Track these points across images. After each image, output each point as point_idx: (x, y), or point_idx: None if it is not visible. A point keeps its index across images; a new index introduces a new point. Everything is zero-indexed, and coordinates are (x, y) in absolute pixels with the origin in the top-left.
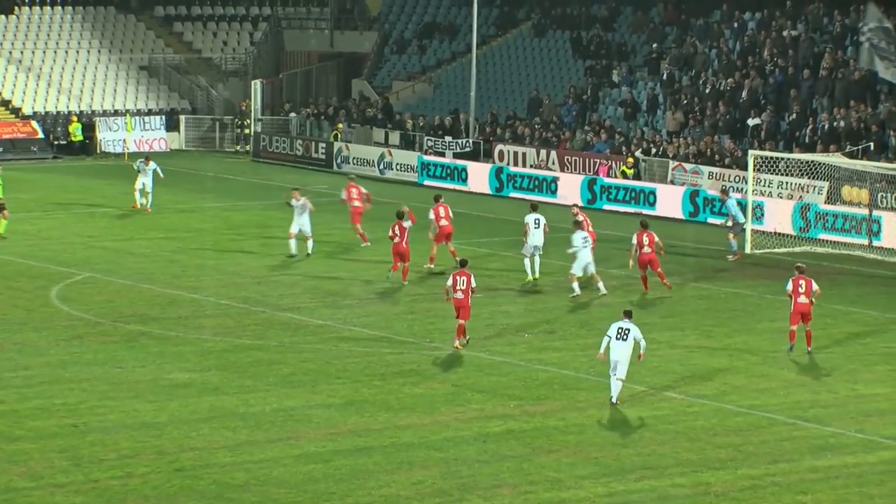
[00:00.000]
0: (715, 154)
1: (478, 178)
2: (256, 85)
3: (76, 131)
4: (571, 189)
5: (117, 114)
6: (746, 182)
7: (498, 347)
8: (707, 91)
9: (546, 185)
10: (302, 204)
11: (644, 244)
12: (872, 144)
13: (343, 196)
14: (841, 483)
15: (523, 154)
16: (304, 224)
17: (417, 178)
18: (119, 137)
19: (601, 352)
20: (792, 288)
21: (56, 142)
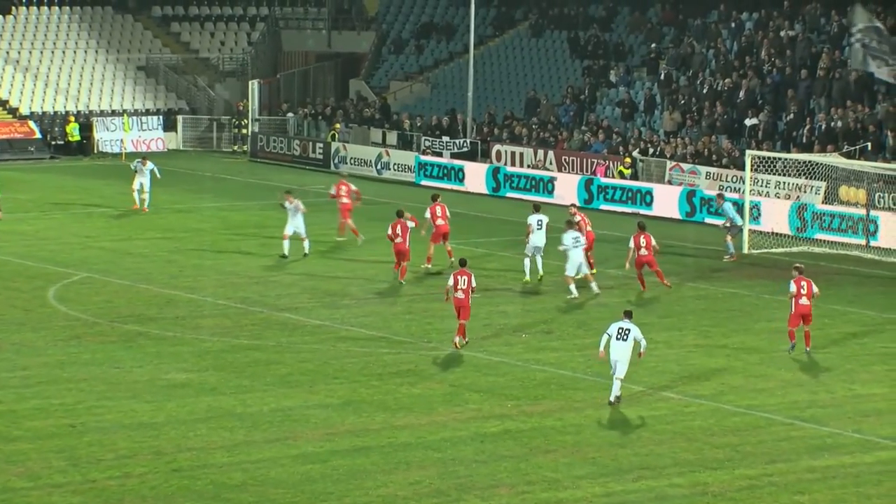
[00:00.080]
0: (712, 154)
1: (475, 178)
2: (254, 85)
3: (73, 131)
4: (568, 189)
5: (115, 114)
6: (744, 182)
7: (495, 347)
8: (704, 91)
9: (543, 185)
10: (294, 206)
11: (641, 245)
12: (870, 144)
13: (332, 192)
14: (838, 483)
15: (521, 154)
16: (299, 225)
17: (415, 179)
18: (116, 137)
19: (601, 349)
20: (796, 290)
21: (53, 142)
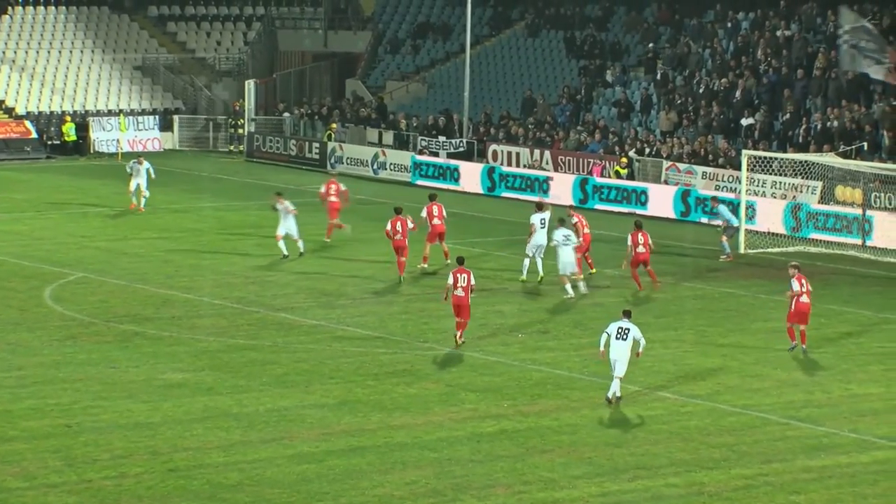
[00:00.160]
0: (709, 154)
1: (470, 178)
2: (250, 85)
3: (70, 131)
4: (563, 189)
5: (111, 114)
6: (740, 182)
7: (492, 347)
8: (701, 91)
9: (538, 185)
10: (284, 208)
11: (639, 243)
12: (866, 144)
13: (322, 190)
14: (834, 483)
15: (517, 154)
16: (291, 227)
17: (410, 178)
18: (113, 137)
19: (601, 348)
20: (799, 287)
21: (50, 142)
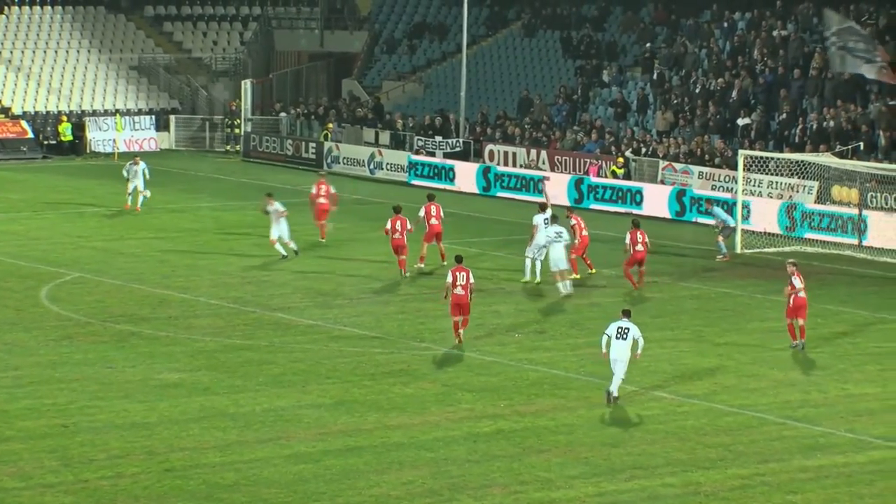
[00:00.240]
0: (705, 154)
1: (465, 178)
2: (247, 85)
3: (66, 131)
4: (559, 188)
5: (107, 113)
6: (736, 182)
7: (488, 347)
8: (697, 91)
9: (533, 185)
10: (275, 209)
11: (637, 242)
12: (862, 144)
13: (313, 191)
14: (831, 483)
15: (513, 154)
16: (283, 230)
17: (407, 178)
18: (109, 137)
19: (603, 350)
20: (800, 284)
21: (46, 141)
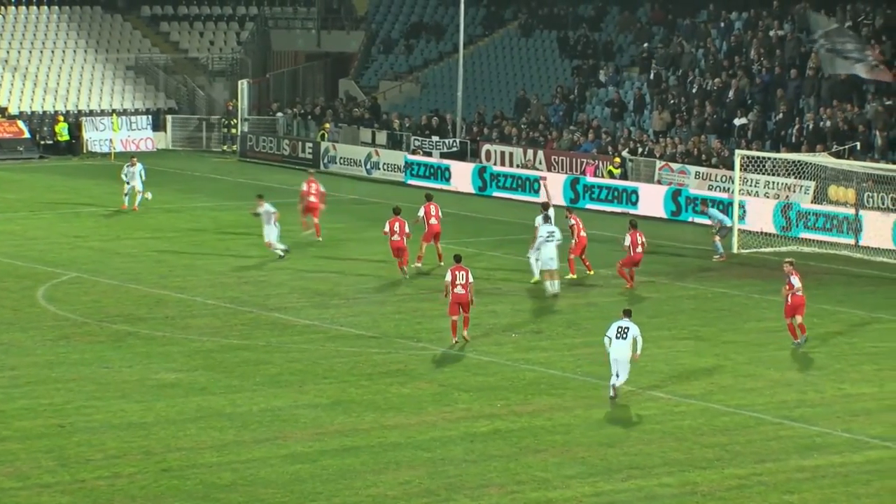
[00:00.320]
0: (702, 154)
1: (461, 178)
2: (243, 85)
3: (62, 131)
4: (555, 189)
5: (104, 113)
6: (733, 182)
7: (485, 347)
8: (694, 91)
9: (529, 185)
10: (265, 211)
11: (637, 243)
12: (859, 144)
13: (304, 188)
14: (828, 482)
15: (510, 154)
16: (275, 233)
17: (404, 178)
18: (105, 137)
19: (608, 351)
20: (799, 284)
21: (42, 141)
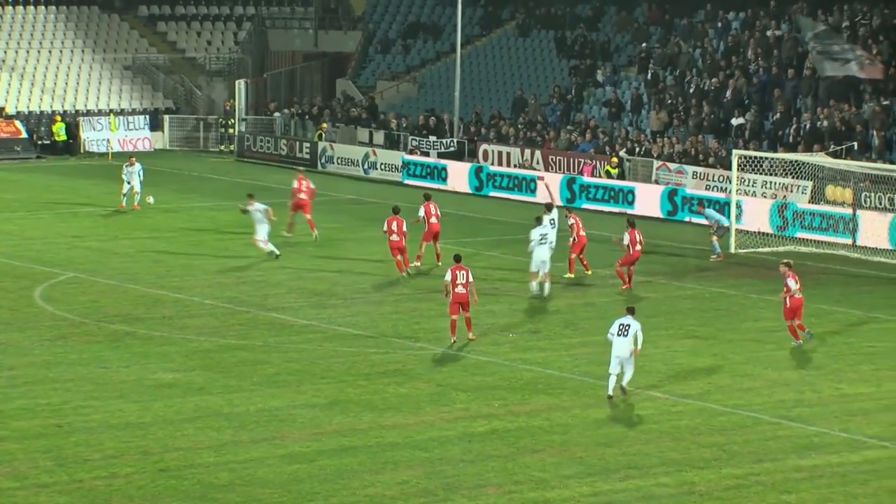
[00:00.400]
0: (699, 154)
1: (458, 178)
2: (241, 85)
3: (60, 131)
4: (551, 188)
5: (101, 113)
6: (730, 182)
7: (483, 347)
8: (691, 91)
9: (525, 185)
10: (255, 209)
11: (636, 242)
12: (856, 144)
13: (294, 185)
14: (825, 482)
15: (507, 154)
16: (264, 231)
17: (401, 178)
18: (103, 137)
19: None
20: (795, 286)
21: (40, 141)
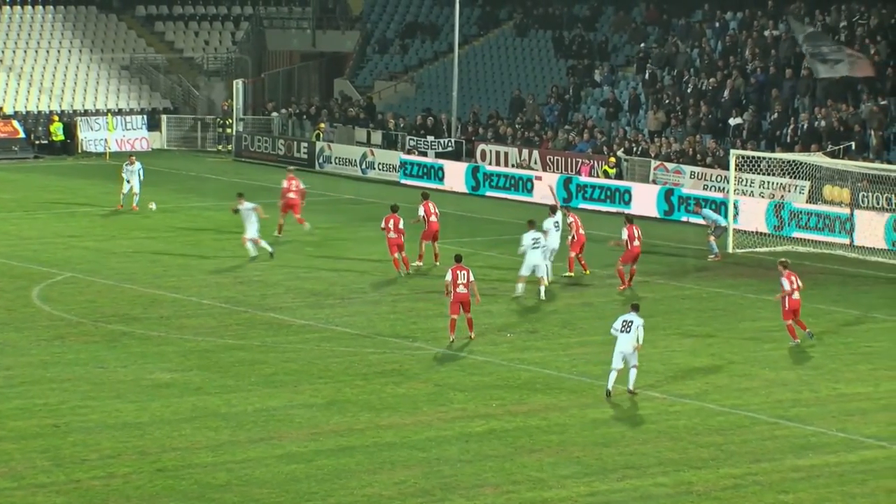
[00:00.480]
0: (697, 154)
1: (454, 177)
2: (238, 84)
3: (57, 131)
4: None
5: (99, 113)
6: (728, 182)
7: (480, 347)
8: (689, 91)
9: (522, 185)
10: (245, 208)
11: (634, 237)
12: (854, 144)
13: (284, 185)
14: (822, 482)
15: (505, 154)
16: (253, 229)
17: (399, 178)
18: (100, 137)
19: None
20: (790, 287)
21: (37, 141)
